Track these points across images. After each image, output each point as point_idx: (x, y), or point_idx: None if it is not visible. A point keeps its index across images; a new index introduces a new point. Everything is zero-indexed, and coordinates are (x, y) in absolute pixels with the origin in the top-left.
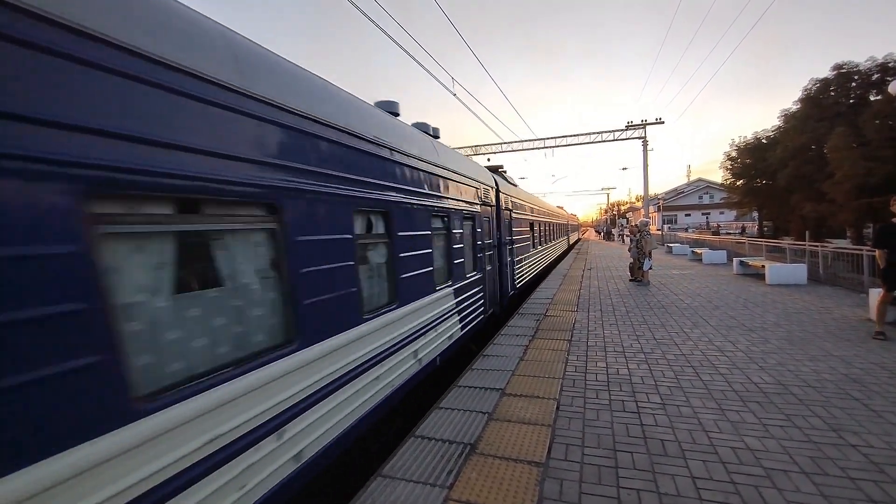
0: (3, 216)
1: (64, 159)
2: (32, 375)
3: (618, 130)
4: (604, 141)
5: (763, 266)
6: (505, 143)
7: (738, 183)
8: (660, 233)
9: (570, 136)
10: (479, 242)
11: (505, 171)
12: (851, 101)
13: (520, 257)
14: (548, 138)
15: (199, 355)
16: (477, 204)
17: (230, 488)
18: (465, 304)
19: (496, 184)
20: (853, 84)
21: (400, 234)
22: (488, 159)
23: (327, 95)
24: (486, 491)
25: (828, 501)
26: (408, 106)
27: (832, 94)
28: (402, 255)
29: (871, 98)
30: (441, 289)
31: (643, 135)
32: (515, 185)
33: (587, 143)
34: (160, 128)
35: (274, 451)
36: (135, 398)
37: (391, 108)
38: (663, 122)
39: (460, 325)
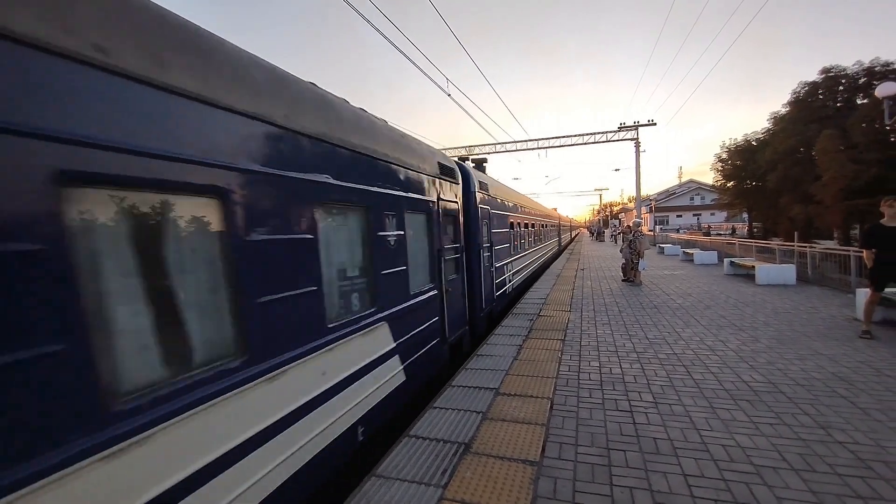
0: None
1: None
2: None
3: (610, 132)
4: (597, 142)
5: (753, 266)
6: (499, 143)
7: (728, 184)
8: (652, 233)
9: (564, 136)
10: (438, 247)
11: (485, 162)
12: (839, 104)
13: (501, 263)
14: (541, 139)
15: None
16: (433, 199)
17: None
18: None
19: (467, 175)
20: (841, 87)
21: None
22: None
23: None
24: (480, 490)
25: (817, 497)
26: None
27: (820, 97)
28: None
29: (859, 101)
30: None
31: (635, 136)
32: (498, 182)
33: (580, 143)
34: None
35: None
36: None
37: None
38: (655, 124)
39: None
